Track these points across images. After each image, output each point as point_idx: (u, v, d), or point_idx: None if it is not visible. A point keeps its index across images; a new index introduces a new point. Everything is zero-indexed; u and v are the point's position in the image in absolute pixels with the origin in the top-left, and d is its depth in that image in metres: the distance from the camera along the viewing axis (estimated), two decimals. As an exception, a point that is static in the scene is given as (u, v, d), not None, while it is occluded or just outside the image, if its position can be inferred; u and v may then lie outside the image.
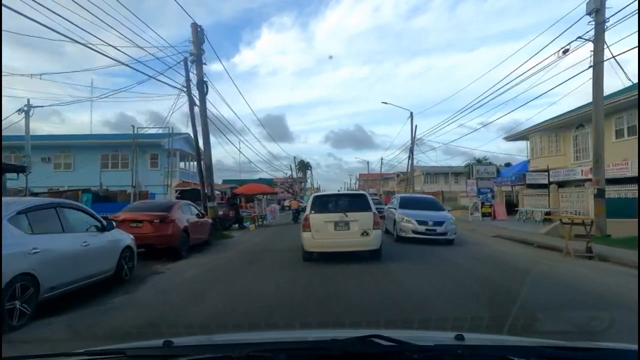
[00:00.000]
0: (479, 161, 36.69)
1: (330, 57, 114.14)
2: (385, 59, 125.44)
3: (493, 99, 21.92)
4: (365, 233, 7.65)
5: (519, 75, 15.03)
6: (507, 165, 34.49)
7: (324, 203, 8.35)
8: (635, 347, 1.25)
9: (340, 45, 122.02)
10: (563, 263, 7.74)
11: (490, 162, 23.27)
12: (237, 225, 17.86)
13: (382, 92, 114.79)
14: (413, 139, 30.55)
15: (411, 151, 31.36)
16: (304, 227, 7.90)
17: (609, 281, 6.18)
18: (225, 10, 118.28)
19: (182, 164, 32.28)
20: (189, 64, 13.83)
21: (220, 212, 16.29)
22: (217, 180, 39.30)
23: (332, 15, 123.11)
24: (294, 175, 54.87)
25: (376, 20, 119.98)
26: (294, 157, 56.24)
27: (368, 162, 68.54)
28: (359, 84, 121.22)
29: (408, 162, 33.88)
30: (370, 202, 8.40)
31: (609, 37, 10.75)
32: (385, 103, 29.26)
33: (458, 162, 53.17)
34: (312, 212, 7.94)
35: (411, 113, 29.92)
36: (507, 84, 15.87)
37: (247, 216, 19.47)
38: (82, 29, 9.95)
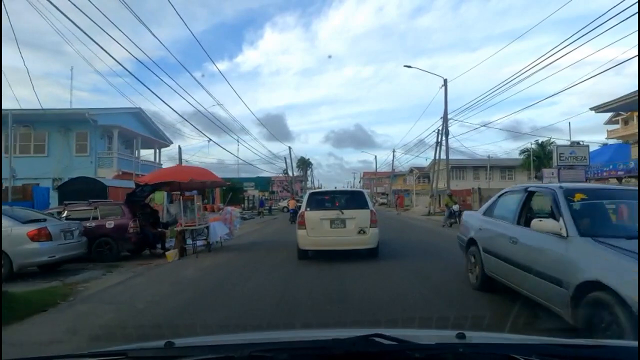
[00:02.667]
0: (540, 146, 32.63)
1: (330, 57, 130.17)
2: (388, 59, 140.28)
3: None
4: (362, 231, 9.06)
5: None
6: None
7: (320, 200, 9.81)
8: (635, 343, 1.60)
9: (344, 45, 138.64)
10: None
11: (578, 142, 19.13)
12: (149, 251, 12.39)
13: (385, 91, 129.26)
14: (445, 114, 28.37)
15: (445, 133, 28.78)
16: (299, 224, 9.37)
17: None
18: (228, 10, 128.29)
19: (146, 152, 30.36)
20: None
21: (110, 225, 11.32)
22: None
23: (335, 15, 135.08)
24: (291, 172, 56.08)
25: (380, 20, 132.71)
26: (290, 148, 56.39)
27: (376, 157, 69.27)
28: (362, 83, 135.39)
29: (436, 149, 31.64)
30: (368, 199, 9.75)
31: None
32: (409, 67, 27.58)
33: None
34: (308, 209, 9.38)
35: (445, 80, 28.11)
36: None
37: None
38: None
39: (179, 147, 33.08)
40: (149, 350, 1.59)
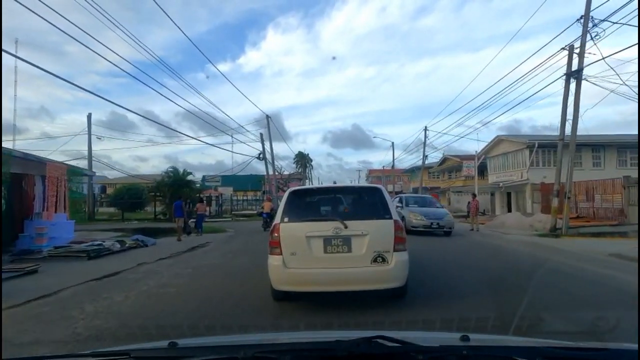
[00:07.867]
0: None
1: (334, 58, 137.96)
2: (391, 60, 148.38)
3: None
4: (380, 258, 5.57)
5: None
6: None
7: (306, 204, 6.37)
8: (636, 346, 1.61)
9: (346, 46, 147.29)
10: None
11: None
12: None
13: (388, 92, 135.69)
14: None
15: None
16: (271, 246, 5.83)
17: None
18: (229, 10, 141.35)
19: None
20: None
21: None
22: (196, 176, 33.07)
23: (338, 16, 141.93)
24: (271, 156, 36.24)
25: (382, 21, 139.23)
26: (268, 117, 35.01)
27: (393, 143, 62.87)
28: (365, 84, 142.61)
29: (567, 88, 17.00)
30: (389, 202, 6.14)
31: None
32: None
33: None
34: (286, 219, 5.84)
35: None
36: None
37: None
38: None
39: (89, 115, 23.12)
40: (152, 351, 1.62)
